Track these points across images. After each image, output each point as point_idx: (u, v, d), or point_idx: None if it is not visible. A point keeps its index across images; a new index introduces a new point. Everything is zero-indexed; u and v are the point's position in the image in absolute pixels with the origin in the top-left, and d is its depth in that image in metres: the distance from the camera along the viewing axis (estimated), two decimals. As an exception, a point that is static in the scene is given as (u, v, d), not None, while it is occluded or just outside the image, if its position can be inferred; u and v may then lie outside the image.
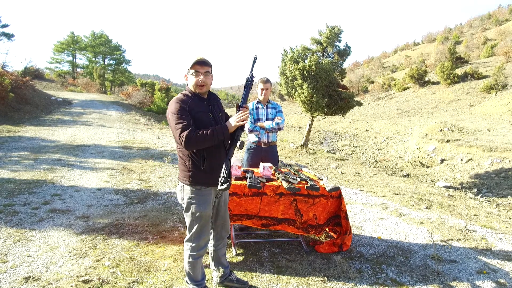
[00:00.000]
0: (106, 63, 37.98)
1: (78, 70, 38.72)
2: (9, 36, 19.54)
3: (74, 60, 38.17)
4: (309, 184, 2.96)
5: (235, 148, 2.18)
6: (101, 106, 19.54)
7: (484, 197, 7.24)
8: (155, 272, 2.74)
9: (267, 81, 3.78)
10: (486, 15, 49.14)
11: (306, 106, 10.88)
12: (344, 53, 11.50)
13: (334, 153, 12.33)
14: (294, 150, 11.34)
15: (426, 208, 4.88)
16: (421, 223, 4.15)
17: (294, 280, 2.67)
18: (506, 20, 42.15)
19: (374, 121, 22.10)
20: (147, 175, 6.15)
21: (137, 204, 4.55)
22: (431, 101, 25.53)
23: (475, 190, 7.89)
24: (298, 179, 3.09)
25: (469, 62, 30.91)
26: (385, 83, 34.87)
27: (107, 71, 36.79)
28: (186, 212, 2.25)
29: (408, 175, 9.79)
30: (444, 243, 3.53)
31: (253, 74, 2.24)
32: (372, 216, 4.34)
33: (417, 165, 11.05)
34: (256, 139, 3.80)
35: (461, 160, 9.99)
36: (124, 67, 38.86)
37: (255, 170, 3.48)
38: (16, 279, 2.58)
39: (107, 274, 2.67)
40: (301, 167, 3.77)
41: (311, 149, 11.78)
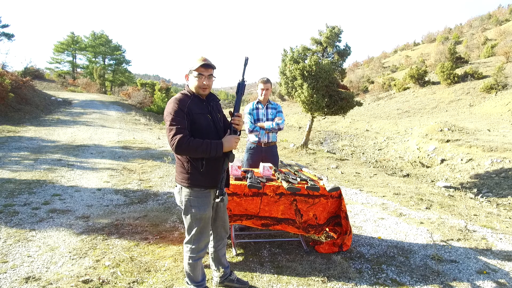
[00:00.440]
0: (106, 63, 38.01)
1: (78, 70, 38.76)
2: (9, 36, 19.56)
3: (74, 60, 38.22)
4: (309, 184, 2.96)
5: (228, 161, 2.19)
6: (101, 106, 19.55)
7: (484, 197, 7.24)
8: (155, 272, 2.74)
9: (267, 81, 3.78)
10: (486, 15, 49.11)
11: (306, 106, 10.88)
12: (344, 53, 11.50)
13: (334, 153, 12.33)
14: (294, 150, 11.33)
15: (426, 208, 4.88)
16: (421, 223, 4.15)
17: (294, 280, 2.67)
18: (506, 20, 42.13)
19: (374, 121, 22.10)
20: (147, 175, 6.15)
21: (137, 204, 4.55)
22: (431, 101, 25.53)
23: (475, 190, 7.89)
24: (298, 179, 3.09)
25: (469, 62, 30.91)
26: (385, 83, 34.87)
27: (107, 71, 36.80)
28: (185, 214, 2.23)
29: (408, 175, 9.79)
30: (444, 243, 3.53)
31: (245, 79, 2.19)
32: (372, 216, 4.34)
33: (417, 165, 11.05)
34: (256, 139, 3.81)
35: (461, 160, 9.99)
36: (124, 67, 38.90)
37: (255, 170, 3.48)
38: (16, 279, 2.58)
39: (107, 274, 2.67)
40: (301, 167, 3.77)
41: (311, 149, 11.78)
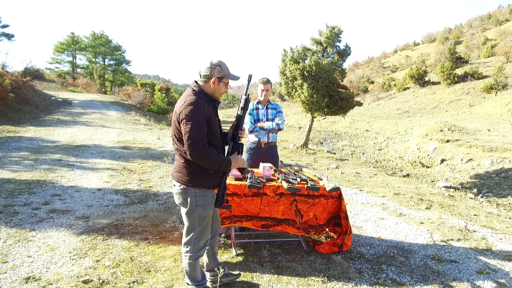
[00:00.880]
0: (106, 63, 37.99)
1: (78, 70, 38.75)
2: (9, 37, 19.55)
3: (74, 60, 38.21)
4: (309, 184, 2.96)
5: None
6: (101, 106, 19.54)
7: (484, 197, 7.24)
8: (155, 273, 2.74)
9: (267, 82, 3.78)
10: (486, 15, 49.09)
11: (306, 106, 10.88)
12: (344, 53, 11.50)
13: (334, 153, 12.33)
14: (294, 150, 11.34)
15: (426, 208, 4.88)
16: (421, 223, 4.15)
17: (294, 280, 2.67)
18: (506, 20, 42.12)
19: (374, 121, 22.10)
20: (147, 175, 6.15)
21: (137, 205, 4.55)
22: (431, 101, 25.53)
23: (475, 190, 7.89)
24: (298, 179, 3.09)
25: (469, 62, 30.90)
26: (385, 83, 34.86)
27: (107, 71, 36.78)
28: (189, 213, 2.25)
29: (408, 175, 9.79)
30: (444, 243, 3.53)
31: (249, 94, 2.32)
32: (372, 216, 4.34)
33: (417, 165, 11.05)
34: (256, 139, 3.81)
35: (461, 160, 9.99)
36: (124, 67, 38.88)
37: (255, 170, 3.48)
38: (16, 280, 2.58)
39: (107, 275, 2.67)
40: (301, 167, 3.77)
41: (311, 149, 11.78)
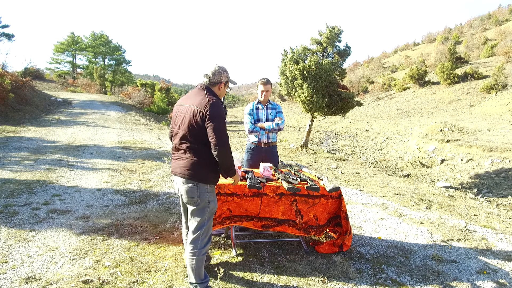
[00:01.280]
0: (106, 63, 38.00)
1: (78, 70, 38.75)
2: (9, 37, 19.56)
3: (74, 60, 38.22)
4: (309, 185, 2.96)
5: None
6: (101, 106, 19.54)
7: (484, 197, 7.24)
8: (155, 273, 2.74)
9: (267, 82, 3.78)
10: (486, 15, 49.09)
11: (306, 106, 10.88)
12: (344, 53, 11.50)
13: (334, 153, 12.33)
14: (294, 150, 11.34)
15: (426, 208, 4.88)
16: (421, 223, 4.15)
17: (295, 281, 2.67)
18: (506, 20, 42.13)
19: (374, 121, 22.10)
20: (147, 175, 6.15)
21: (137, 205, 4.55)
22: (431, 101, 25.53)
23: (475, 190, 7.89)
24: (298, 180, 3.09)
25: (469, 62, 30.90)
26: (385, 83, 34.87)
27: (107, 71, 36.79)
28: (201, 210, 2.34)
29: (408, 175, 9.79)
30: (444, 243, 3.52)
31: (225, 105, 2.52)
32: (372, 216, 4.34)
33: (417, 165, 11.05)
34: (256, 139, 3.80)
35: (461, 160, 9.99)
36: (124, 67, 38.90)
37: (255, 170, 3.48)
38: (16, 280, 2.58)
39: (107, 275, 2.67)
40: (301, 167, 3.77)
41: (311, 149, 11.79)
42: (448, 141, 11.38)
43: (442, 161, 10.54)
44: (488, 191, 7.74)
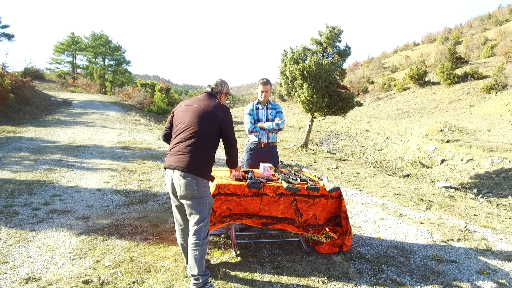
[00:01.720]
0: (106, 63, 38.01)
1: (78, 70, 38.75)
2: (10, 37, 19.58)
3: (74, 60, 38.23)
4: (309, 185, 2.96)
5: None
6: (101, 106, 19.55)
7: (484, 198, 7.24)
8: (155, 273, 2.74)
9: (267, 83, 3.78)
10: (486, 15, 49.10)
11: (306, 107, 10.88)
12: (344, 53, 11.50)
13: (334, 154, 12.33)
14: (294, 150, 11.34)
15: (427, 208, 4.88)
16: (422, 223, 4.15)
17: (295, 281, 2.67)
18: (506, 20, 42.14)
19: (374, 122, 22.10)
20: (147, 175, 6.15)
21: (137, 205, 4.55)
22: (431, 101, 25.53)
23: (475, 190, 7.89)
24: (298, 180, 3.09)
25: (469, 62, 30.92)
26: (385, 84, 34.88)
27: (107, 71, 36.80)
28: (202, 202, 2.46)
29: (408, 175, 9.79)
30: (444, 244, 3.52)
31: None
32: (372, 217, 4.34)
33: (417, 165, 11.05)
34: (256, 139, 3.80)
35: (461, 160, 9.98)
36: (124, 67, 38.90)
37: (255, 170, 3.48)
38: (16, 280, 2.58)
39: (107, 275, 2.67)
40: (301, 167, 3.77)
41: (311, 149, 11.79)
42: (448, 141, 11.38)
43: (442, 161, 10.54)
44: (488, 191, 7.74)
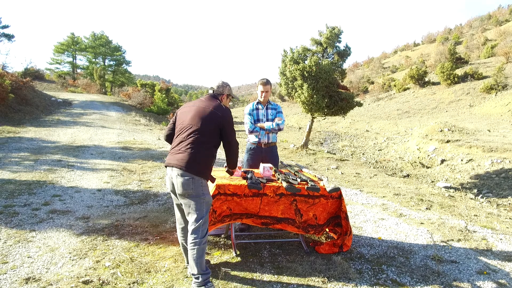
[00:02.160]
0: (106, 64, 38.00)
1: (78, 71, 38.75)
2: (10, 37, 19.60)
3: (74, 61, 38.23)
4: (310, 185, 2.96)
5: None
6: (101, 107, 19.55)
7: (484, 198, 7.24)
8: (155, 273, 2.74)
9: (267, 83, 3.78)
10: (486, 16, 49.13)
11: (306, 107, 10.88)
12: (344, 53, 11.50)
13: (334, 154, 12.33)
14: (294, 150, 11.34)
15: (427, 208, 4.88)
16: (422, 223, 4.15)
17: (295, 281, 2.67)
18: (506, 20, 42.17)
19: (374, 122, 22.10)
20: (147, 176, 6.15)
21: (137, 205, 4.55)
22: (431, 101, 25.54)
23: (475, 190, 7.89)
24: (299, 180, 3.09)
25: (469, 63, 30.92)
26: (385, 84, 34.89)
27: (107, 72, 36.79)
28: (199, 201, 2.45)
29: (408, 175, 9.79)
30: (444, 244, 3.52)
31: None
32: (372, 217, 4.34)
33: (417, 165, 11.05)
34: (256, 139, 3.80)
35: (461, 160, 9.98)
36: (124, 68, 38.89)
37: (255, 170, 3.48)
38: (16, 280, 2.58)
39: (107, 275, 2.67)
40: (301, 167, 3.77)
41: (311, 149, 11.79)
42: (448, 141, 11.38)
43: (442, 161, 10.54)
44: (488, 192, 7.74)
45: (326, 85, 10.58)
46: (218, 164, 6.57)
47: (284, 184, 2.92)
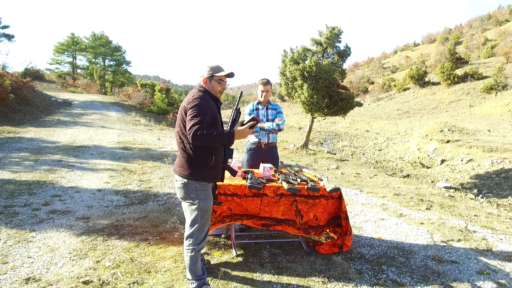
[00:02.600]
0: (106, 64, 37.98)
1: (78, 71, 38.74)
2: (10, 37, 19.62)
3: (74, 61, 38.22)
4: (310, 185, 2.96)
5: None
6: (101, 107, 19.55)
7: (484, 198, 7.24)
8: (155, 273, 2.74)
9: (267, 83, 3.78)
10: (486, 16, 49.17)
11: (306, 107, 10.89)
12: (344, 53, 11.51)
13: (335, 154, 12.33)
14: (294, 150, 11.34)
15: (427, 208, 4.88)
16: (422, 223, 4.15)
17: (295, 281, 2.67)
18: (506, 20, 42.19)
19: (374, 122, 22.10)
20: (147, 176, 6.15)
21: (137, 205, 4.55)
22: (431, 101, 25.54)
23: (475, 190, 7.89)
24: (299, 180, 3.09)
25: (469, 63, 30.93)
26: (385, 84, 34.90)
27: (107, 72, 36.77)
28: (191, 206, 2.33)
29: (408, 175, 9.79)
30: (444, 244, 3.52)
31: (239, 107, 2.48)
32: (372, 217, 4.34)
33: (417, 165, 11.05)
34: (256, 140, 3.80)
35: (462, 160, 9.98)
36: (124, 68, 38.87)
37: (255, 171, 3.48)
38: (16, 280, 2.58)
39: (107, 275, 2.67)
40: (302, 167, 3.77)
41: (311, 149, 11.79)
42: (448, 141, 11.38)
43: (442, 161, 10.54)
44: (488, 192, 7.74)
45: (326, 85, 10.58)
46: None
47: (284, 184, 2.92)
